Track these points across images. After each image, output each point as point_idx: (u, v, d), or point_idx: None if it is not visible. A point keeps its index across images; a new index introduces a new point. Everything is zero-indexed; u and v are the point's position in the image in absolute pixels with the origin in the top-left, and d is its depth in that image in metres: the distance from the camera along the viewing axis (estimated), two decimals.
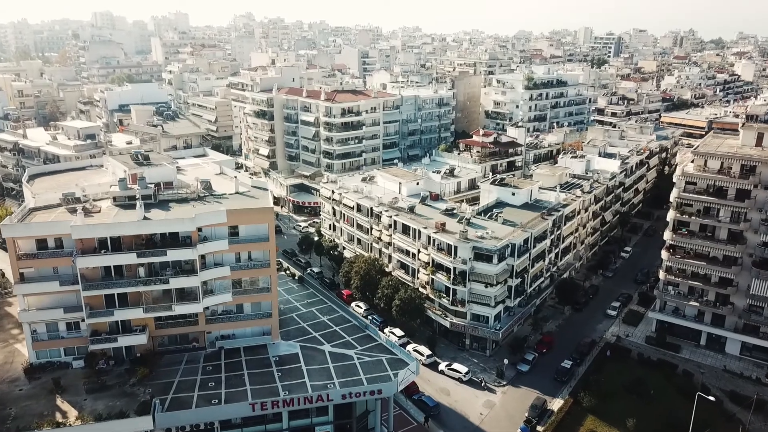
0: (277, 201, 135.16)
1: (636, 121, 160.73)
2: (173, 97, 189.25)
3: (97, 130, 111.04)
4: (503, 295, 79.49)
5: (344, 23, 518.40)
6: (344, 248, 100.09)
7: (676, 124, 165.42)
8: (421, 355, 77.17)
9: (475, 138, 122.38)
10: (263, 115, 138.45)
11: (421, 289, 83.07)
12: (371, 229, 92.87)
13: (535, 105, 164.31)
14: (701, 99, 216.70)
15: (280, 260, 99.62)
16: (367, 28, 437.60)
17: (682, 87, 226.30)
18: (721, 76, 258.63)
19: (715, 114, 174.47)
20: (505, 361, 76.07)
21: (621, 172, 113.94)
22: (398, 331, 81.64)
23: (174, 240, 61.60)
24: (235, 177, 70.58)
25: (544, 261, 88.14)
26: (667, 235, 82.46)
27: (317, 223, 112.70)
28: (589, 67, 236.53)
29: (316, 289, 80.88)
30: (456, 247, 77.24)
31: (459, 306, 78.97)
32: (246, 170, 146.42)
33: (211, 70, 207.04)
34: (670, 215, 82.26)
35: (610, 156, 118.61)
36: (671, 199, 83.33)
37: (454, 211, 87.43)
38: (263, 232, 63.96)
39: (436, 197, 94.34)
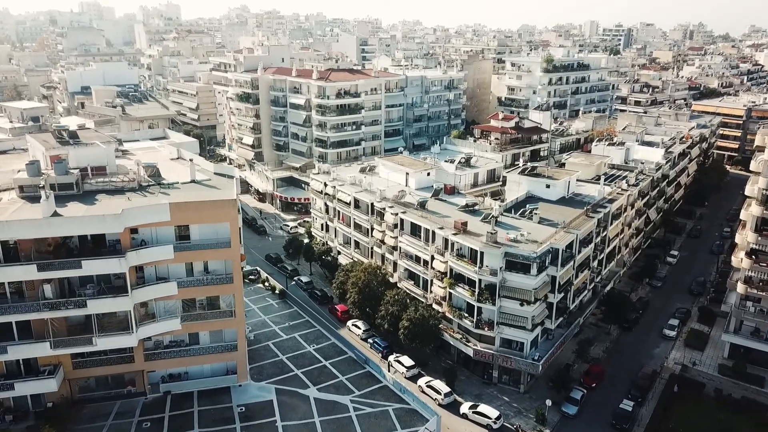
0: (262, 197, 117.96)
1: (670, 108, 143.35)
2: (152, 81, 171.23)
3: (45, 111, 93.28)
4: (542, 315, 61.86)
5: (342, 16, 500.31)
6: (339, 253, 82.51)
7: (710, 113, 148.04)
8: (438, 392, 59.53)
9: (493, 123, 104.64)
10: (247, 99, 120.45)
11: (435, 306, 65.41)
12: (372, 229, 75.22)
13: (555, 90, 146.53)
14: (728, 88, 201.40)
15: (258, 269, 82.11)
16: (366, 20, 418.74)
17: (707, 75, 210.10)
18: (744, 65, 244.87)
19: (753, 102, 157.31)
20: (548, 402, 58.38)
21: (666, 163, 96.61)
22: (407, 360, 63.97)
23: (100, 246, 44.15)
24: (191, 160, 52.82)
25: (588, 270, 70.59)
26: (750, 237, 65.01)
27: (308, 222, 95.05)
28: (607, 54, 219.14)
29: (301, 307, 63.38)
30: (482, 254, 59.57)
31: (485, 329, 61.35)
32: (229, 162, 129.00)
33: (195, 54, 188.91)
34: (753, 212, 64.97)
35: (650, 144, 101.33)
36: (749, 192, 66.74)
37: (477, 208, 69.85)
38: (224, 235, 46.41)
39: (452, 190, 76.76)
